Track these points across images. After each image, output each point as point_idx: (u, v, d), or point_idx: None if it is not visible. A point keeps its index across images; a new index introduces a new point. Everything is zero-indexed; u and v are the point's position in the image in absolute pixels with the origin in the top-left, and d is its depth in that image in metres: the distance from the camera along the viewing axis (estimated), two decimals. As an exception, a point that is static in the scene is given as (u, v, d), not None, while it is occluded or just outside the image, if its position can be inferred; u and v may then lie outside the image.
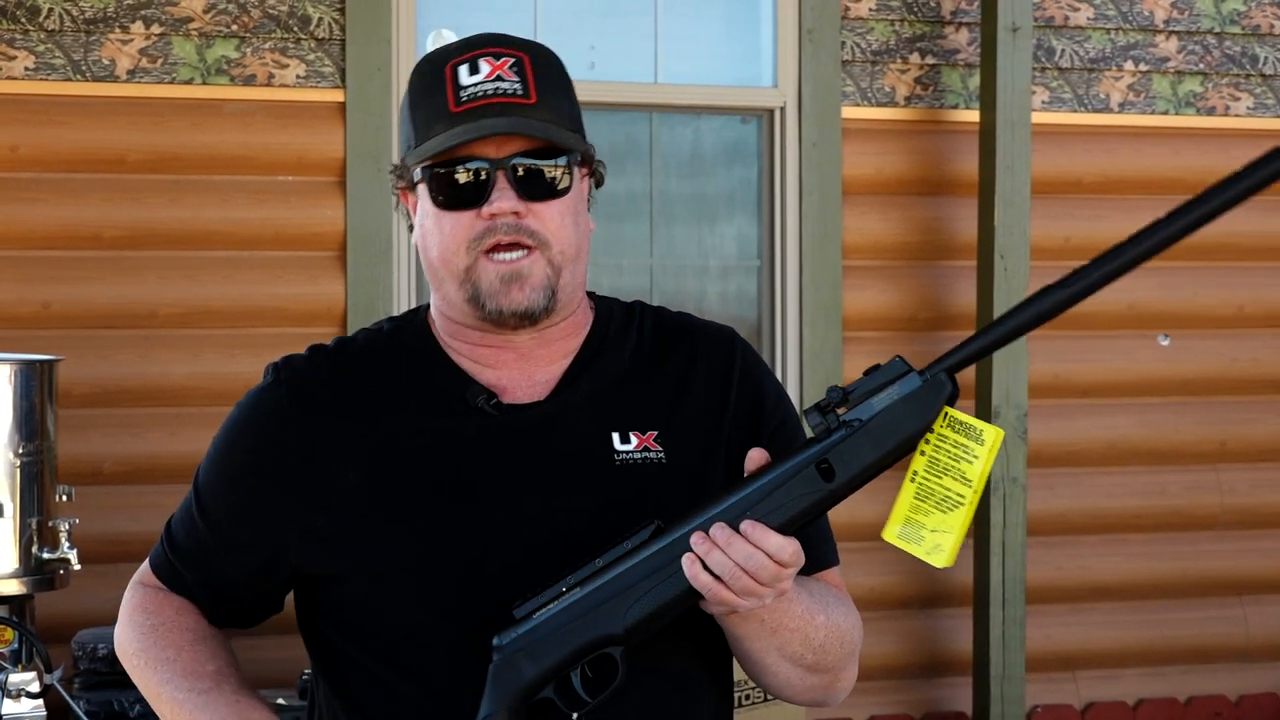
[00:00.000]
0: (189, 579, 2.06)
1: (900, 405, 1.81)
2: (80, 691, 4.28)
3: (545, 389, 2.03)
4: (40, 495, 4.02)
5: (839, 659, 2.00)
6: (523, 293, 1.97)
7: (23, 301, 4.85)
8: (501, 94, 1.97)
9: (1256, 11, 5.71)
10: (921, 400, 1.81)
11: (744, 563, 1.80)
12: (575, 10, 5.35)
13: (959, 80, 5.46)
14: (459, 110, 1.96)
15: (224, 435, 2.07)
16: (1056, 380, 5.53)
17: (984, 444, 1.79)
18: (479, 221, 1.96)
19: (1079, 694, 5.58)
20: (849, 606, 2.04)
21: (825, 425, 1.82)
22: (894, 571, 5.33)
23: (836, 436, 1.81)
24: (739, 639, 1.94)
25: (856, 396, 1.82)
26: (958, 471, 1.80)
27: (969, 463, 1.79)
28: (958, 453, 1.80)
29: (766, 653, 1.95)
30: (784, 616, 1.92)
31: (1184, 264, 5.66)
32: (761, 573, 1.81)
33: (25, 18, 4.85)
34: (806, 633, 1.94)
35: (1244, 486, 5.71)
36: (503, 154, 1.96)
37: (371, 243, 5.01)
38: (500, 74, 1.98)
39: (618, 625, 1.85)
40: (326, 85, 5.02)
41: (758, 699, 4.49)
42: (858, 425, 1.81)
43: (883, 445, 1.81)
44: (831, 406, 1.82)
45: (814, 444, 1.83)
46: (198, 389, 4.91)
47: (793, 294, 5.36)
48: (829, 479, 1.81)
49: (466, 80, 1.97)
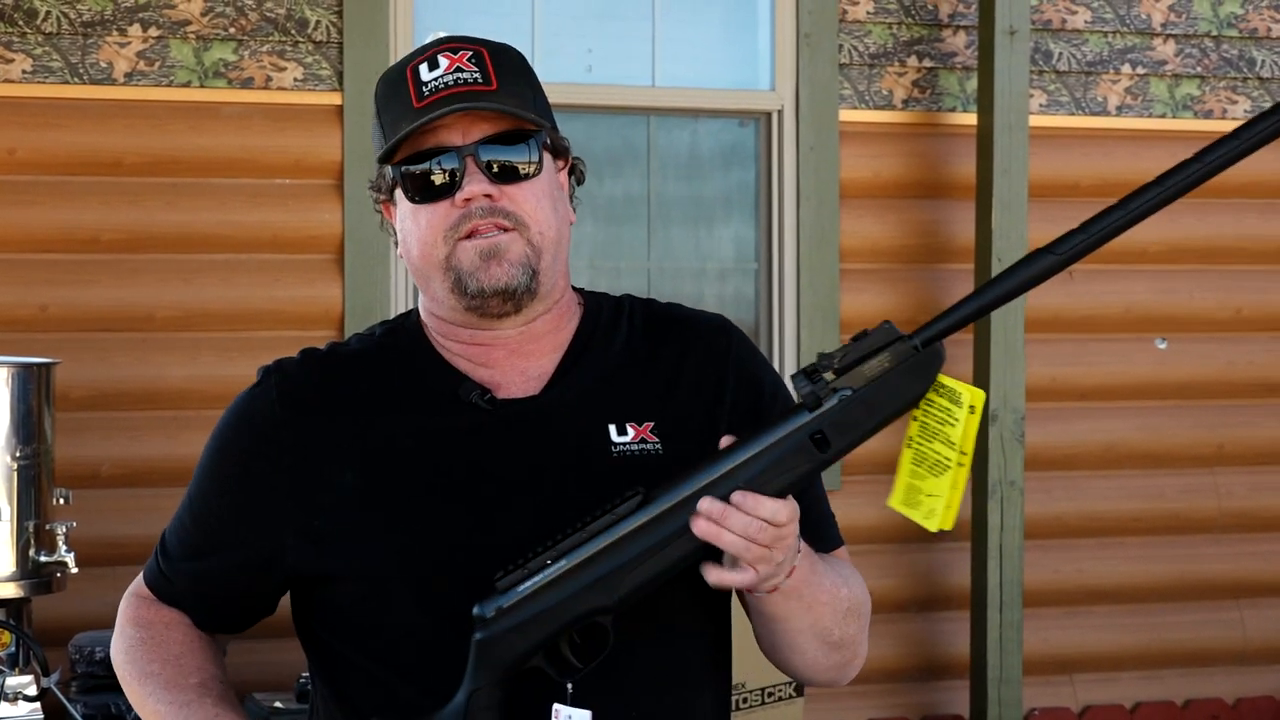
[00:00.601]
0: (178, 587, 2.07)
1: (897, 373, 1.80)
2: (77, 695, 4.28)
3: (538, 383, 2.03)
4: (37, 498, 4.02)
5: (857, 633, 2.02)
6: (501, 268, 1.97)
7: (20, 304, 4.85)
8: (462, 83, 1.99)
9: (1254, 15, 5.71)
10: (919, 369, 1.81)
11: (741, 530, 1.81)
12: (573, 14, 5.35)
13: (956, 83, 5.47)
14: (421, 104, 1.98)
15: (215, 438, 2.07)
16: (1054, 383, 5.53)
17: (962, 405, 1.80)
18: (454, 210, 1.97)
19: (1076, 697, 5.58)
20: (862, 583, 2.06)
21: (815, 392, 1.81)
22: (891, 575, 5.33)
23: (831, 406, 1.81)
24: (779, 620, 1.94)
25: (846, 363, 1.81)
26: (944, 435, 1.81)
27: (951, 426, 1.80)
28: (943, 416, 1.81)
29: (801, 632, 1.96)
30: (818, 591, 1.93)
31: (1181, 267, 5.67)
32: (759, 535, 1.81)
33: (23, 20, 4.85)
34: (835, 606, 1.97)
35: (1241, 490, 5.71)
36: (468, 141, 1.98)
37: (369, 246, 5.01)
38: (459, 65, 2.00)
39: (610, 597, 1.84)
40: (324, 88, 5.02)
41: (755, 702, 4.49)
42: (851, 394, 1.80)
43: (879, 414, 1.81)
44: (819, 373, 1.81)
45: (802, 410, 1.82)
46: (195, 392, 4.91)
47: (790, 297, 5.36)
48: (823, 449, 1.81)
49: (427, 76, 2.00)
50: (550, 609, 1.84)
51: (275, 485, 2.00)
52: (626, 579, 1.84)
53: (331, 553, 1.97)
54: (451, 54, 2.02)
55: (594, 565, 1.84)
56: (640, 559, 1.83)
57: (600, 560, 1.84)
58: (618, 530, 1.84)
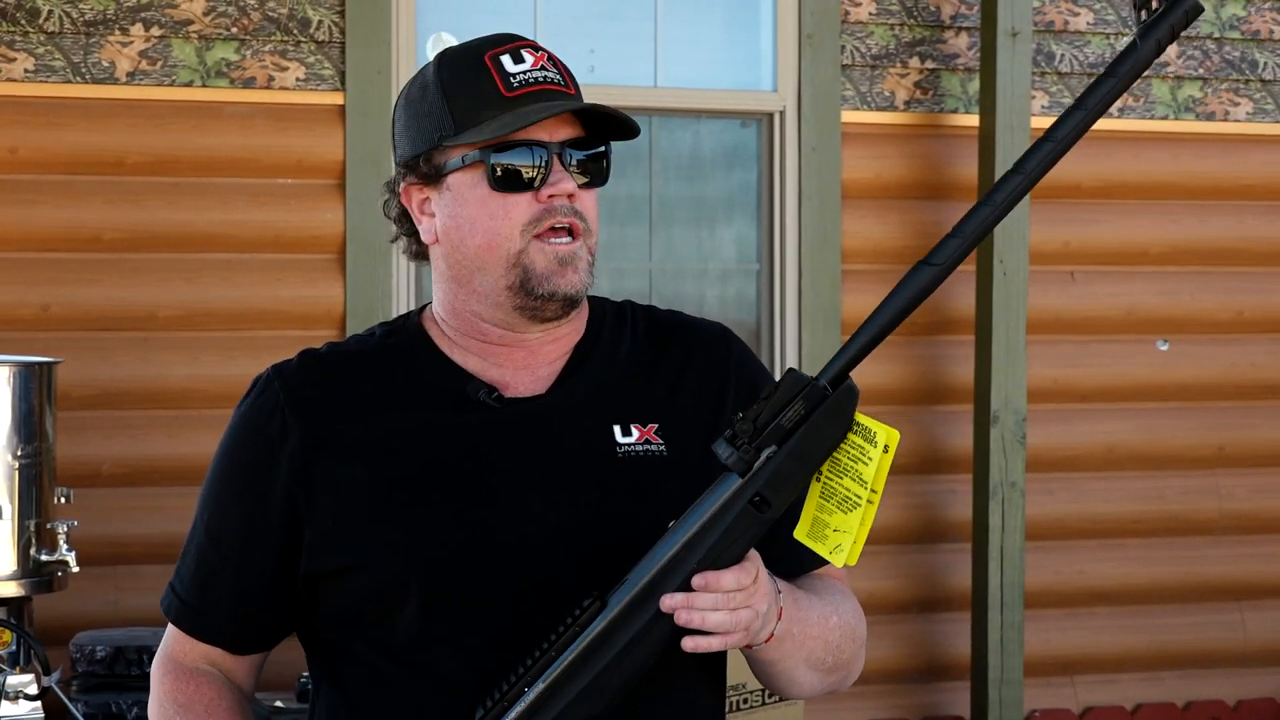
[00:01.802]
0: (209, 618, 2.06)
1: (817, 420, 1.80)
2: (78, 694, 4.28)
3: (545, 383, 2.03)
4: (39, 497, 4.02)
5: (852, 654, 2.04)
6: (576, 275, 1.97)
7: (22, 303, 4.85)
8: (550, 81, 1.99)
9: (1256, 17, 5.71)
10: (835, 410, 1.81)
11: (714, 606, 1.81)
12: (575, 14, 5.35)
13: (958, 85, 5.47)
14: (513, 95, 1.97)
15: (224, 455, 2.07)
16: (1055, 385, 5.53)
17: (877, 445, 1.79)
18: (535, 204, 1.97)
19: (1077, 698, 5.58)
20: (853, 600, 2.07)
21: (741, 457, 1.81)
22: (892, 576, 5.33)
23: (762, 466, 1.81)
24: (775, 663, 1.96)
25: (763, 421, 1.80)
26: (855, 472, 1.81)
27: (864, 464, 1.80)
28: (855, 454, 1.81)
29: (796, 668, 1.97)
30: (808, 626, 1.95)
31: (1183, 269, 5.67)
32: (733, 602, 1.82)
33: (25, 20, 4.85)
34: (826, 638, 1.98)
35: (1242, 492, 5.71)
36: (555, 139, 1.98)
37: (371, 246, 5.01)
38: (543, 64, 2.01)
39: (598, 703, 1.84)
40: (326, 88, 5.03)
41: (756, 702, 4.49)
42: (777, 449, 1.80)
43: (808, 462, 1.81)
44: (739, 437, 1.81)
45: (733, 477, 1.82)
46: (197, 391, 4.91)
47: (792, 298, 5.36)
48: (764, 510, 1.81)
49: (513, 68, 1.99)
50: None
51: (285, 486, 1.99)
52: (609, 682, 1.83)
53: (342, 547, 1.97)
54: (534, 51, 2.01)
55: (573, 680, 1.83)
56: (617, 660, 1.83)
57: (577, 673, 1.83)
58: (586, 638, 1.83)
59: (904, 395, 5.42)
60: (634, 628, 1.83)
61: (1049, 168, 1.82)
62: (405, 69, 5.05)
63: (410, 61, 5.06)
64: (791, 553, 1.98)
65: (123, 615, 4.79)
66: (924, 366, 5.45)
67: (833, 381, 1.81)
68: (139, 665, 4.32)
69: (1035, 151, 1.81)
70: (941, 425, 5.44)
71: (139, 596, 4.82)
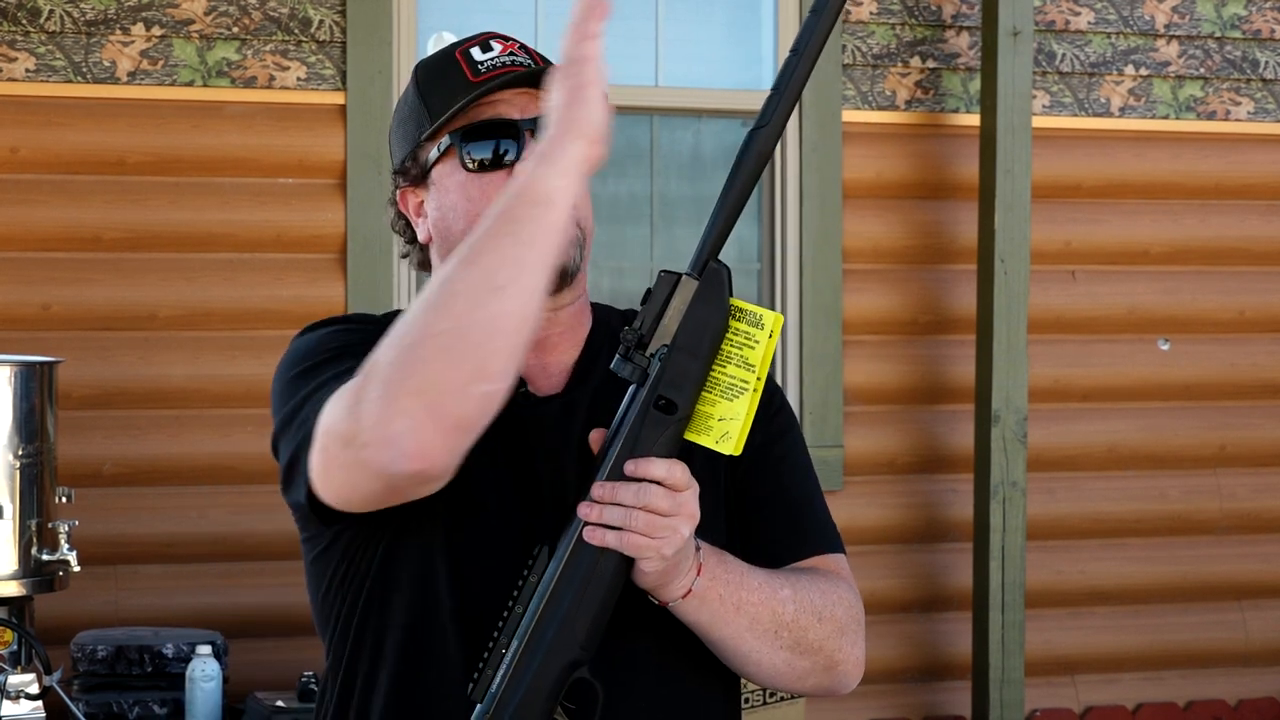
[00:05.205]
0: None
1: (694, 309, 1.83)
2: (79, 693, 4.28)
3: (561, 380, 2.05)
4: (40, 497, 4.02)
5: (823, 637, 1.98)
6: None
7: (23, 303, 4.85)
8: (517, 64, 2.02)
9: (1257, 16, 5.71)
10: (707, 295, 1.83)
11: (635, 500, 1.81)
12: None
13: (960, 84, 5.47)
14: (479, 79, 2.00)
15: (316, 338, 1.99)
16: (1056, 384, 5.53)
17: (764, 328, 1.83)
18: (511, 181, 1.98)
19: (1078, 698, 5.58)
20: (842, 587, 2.02)
21: (636, 366, 1.83)
22: (893, 575, 5.33)
23: (658, 370, 1.83)
24: (707, 627, 1.93)
25: (648, 327, 1.83)
26: (741, 358, 1.84)
27: (751, 348, 1.83)
28: (741, 340, 1.84)
29: (740, 637, 1.93)
30: (742, 590, 1.92)
31: (1184, 269, 5.67)
32: (658, 502, 1.81)
33: (26, 19, 4.85)
34: (774, 608, 1.94)
35: (1244, 491, 5.71)
36: (526, 116, 2.00)
37: (372, 245, 5.01)
38: (512, 51, 2.04)
39: (574, 647, 1.84)
40: (327, 88, 5.03)
41: (757, 702, 4.49)
42: (667, 349, 1.83)
43: (700, 354, 1.84)
44: (630, 348, 1.83)
45: (639, 389, 1.84)
46: (198, 391, 4.91)
47: (793, 297, 5.36)
48: (672, 410, 1.83)
49: (481, 56, 2.02)
50: (529, 689, 1.83)
51: None
52: (579, 623, 1.83)
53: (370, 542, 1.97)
54: (503, 40, 2.04)
55: (543, 630, 1.83)
56: (578, 600, 1.83)
57: (546, 622, 1.83)
58: (545, 588, 1.84)
59: (905, 395, 5.42)
60: (584, 563, 1.83)
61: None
62: (406, 69, 5.05)
63: (411, 61, 5.06)
64: (790, 532, 1.99)
65: (123, 615, 4.79)
66: (925, 366, 5.45)
67: (701, 270, 1.84)
68: (140, 665, 4.33)
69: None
70: (942, 425, 5.44)
71: (140, 596, 4.82)
